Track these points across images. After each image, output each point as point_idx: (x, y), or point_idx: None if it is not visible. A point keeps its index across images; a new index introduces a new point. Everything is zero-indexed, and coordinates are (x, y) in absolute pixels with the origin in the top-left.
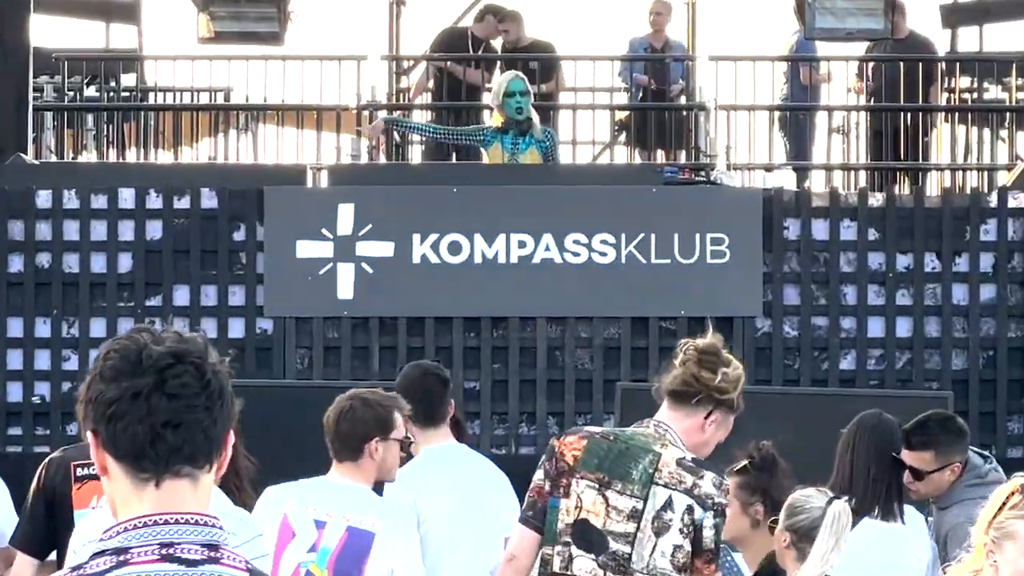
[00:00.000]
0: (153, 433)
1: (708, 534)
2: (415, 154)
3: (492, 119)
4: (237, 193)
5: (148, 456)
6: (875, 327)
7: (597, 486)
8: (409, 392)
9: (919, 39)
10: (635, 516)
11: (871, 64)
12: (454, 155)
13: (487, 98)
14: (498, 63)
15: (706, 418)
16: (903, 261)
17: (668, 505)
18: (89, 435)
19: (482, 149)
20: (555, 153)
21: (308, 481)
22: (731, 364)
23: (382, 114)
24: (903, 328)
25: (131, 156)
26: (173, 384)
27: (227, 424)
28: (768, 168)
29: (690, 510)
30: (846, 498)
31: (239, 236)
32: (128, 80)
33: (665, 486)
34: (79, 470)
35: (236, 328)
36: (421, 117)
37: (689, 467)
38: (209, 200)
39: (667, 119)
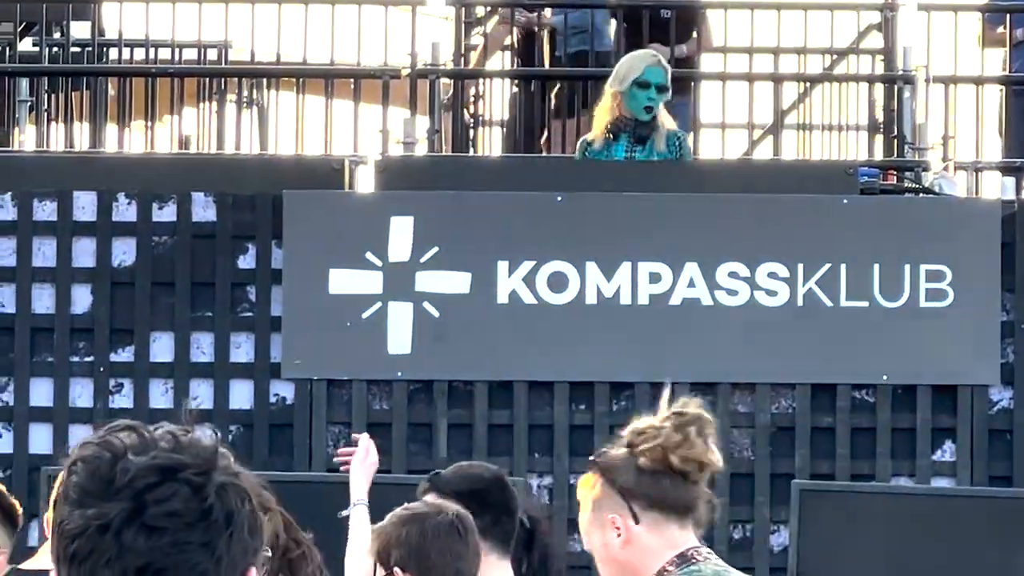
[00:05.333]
0: None
1: None
2: (496, 140)
3: (599, 116)
4: (243, 200)
5: None
6: None
7: None
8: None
9: None
10: None
11: None
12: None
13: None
14: (613, 13)
15: None
16: None
17: None
18: None
19: None
20: None
21: None
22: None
23: (446, 83)
24: None
25: (85, 141)
26: (155, 512)
27: (242, 566)
28: (1008, 168)
29: None
30: None
31: (246, 262)
32: (80, 30)
33: None
34: None
35: (241, 395)
36: (499, 87)
37: None
38: (203, 209)
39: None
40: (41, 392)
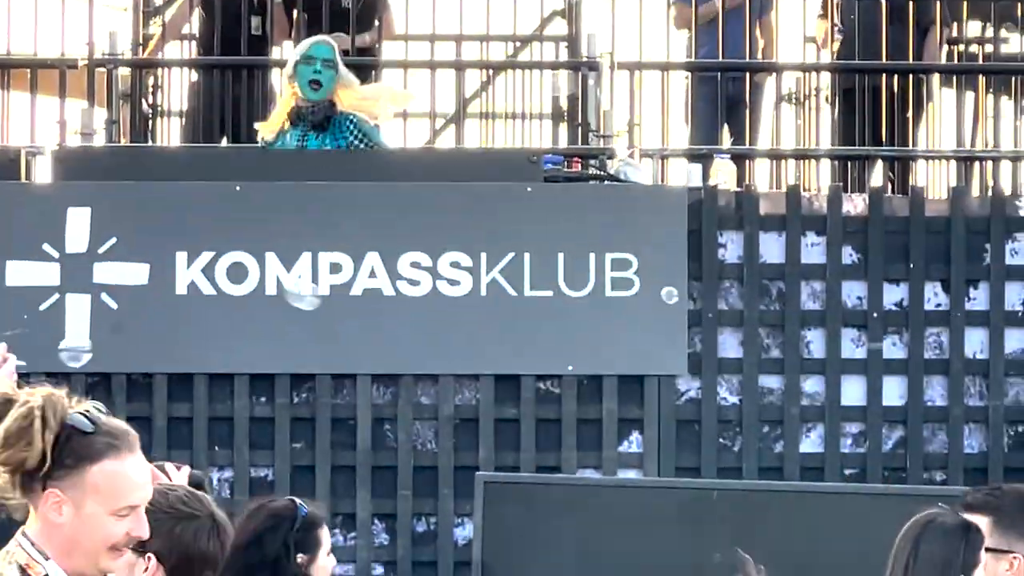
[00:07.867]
0: None
1: None
2: (175, 131)
3: (279, 106)
4: None
5: None
6: (853, 391)
7: None
8: None
9: None
10: None
11: (838, 3)
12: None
13: (279, 53)
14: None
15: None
16: (894, 295)
17: None
18: None
19: None
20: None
21: None
22: None
23: (124, 73)
24: (894, 392)
25: None
26: None
27: None
28: (693, 156)
29: None
30: None
31: None
32: None
33: None
34: None
35: None
36: (178, 76)
37: None
38: None
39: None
40: None
